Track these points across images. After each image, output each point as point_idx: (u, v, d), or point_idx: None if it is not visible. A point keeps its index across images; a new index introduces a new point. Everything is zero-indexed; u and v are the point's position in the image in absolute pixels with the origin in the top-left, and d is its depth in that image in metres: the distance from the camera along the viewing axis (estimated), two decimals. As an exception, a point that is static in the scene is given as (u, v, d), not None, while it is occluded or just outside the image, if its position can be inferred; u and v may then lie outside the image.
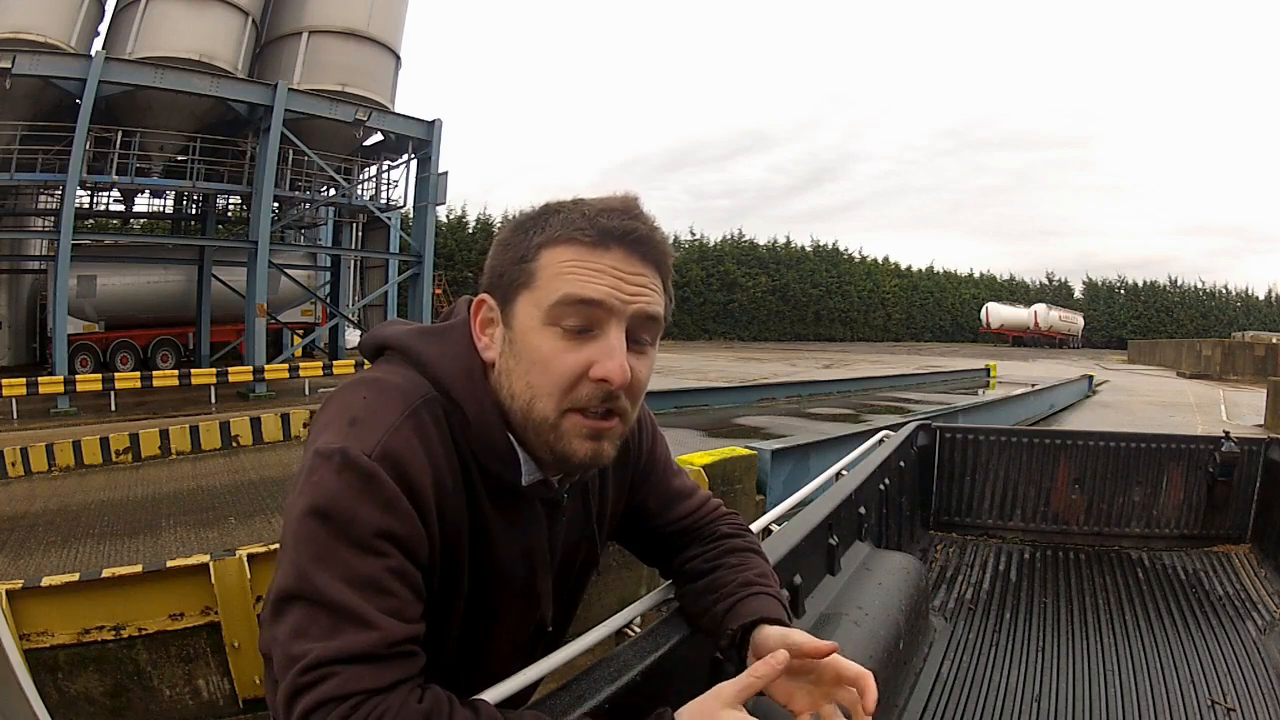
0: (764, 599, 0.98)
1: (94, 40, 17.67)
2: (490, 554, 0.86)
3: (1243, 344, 30.10)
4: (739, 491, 5.30)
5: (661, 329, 0.86)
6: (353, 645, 0.68)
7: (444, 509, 0.79)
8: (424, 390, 0.82)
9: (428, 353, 0.85)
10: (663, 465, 1.10)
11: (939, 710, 2.06)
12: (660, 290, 0.84)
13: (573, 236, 0.81)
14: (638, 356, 0.83)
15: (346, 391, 0.83)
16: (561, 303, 0.79)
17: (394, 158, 20.62)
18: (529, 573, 0.90)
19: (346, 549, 0.71)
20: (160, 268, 19.98)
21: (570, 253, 0.81)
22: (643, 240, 0.82)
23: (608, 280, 0.80)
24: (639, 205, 0.85)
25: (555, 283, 0.80)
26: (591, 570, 1.05)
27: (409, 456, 0.76)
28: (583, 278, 0.80)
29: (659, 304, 0.84)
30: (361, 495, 0.72)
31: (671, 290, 0.88)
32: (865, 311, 57.25)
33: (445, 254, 39.37)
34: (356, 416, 0.78)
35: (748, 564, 1.04)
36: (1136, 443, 3.63)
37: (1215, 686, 2.22)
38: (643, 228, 0.82)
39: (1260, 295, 62.49)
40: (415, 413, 0.79)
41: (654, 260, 0.83)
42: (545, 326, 0.80)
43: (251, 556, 3.95)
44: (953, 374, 23.63)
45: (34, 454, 10.27)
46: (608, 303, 0.79)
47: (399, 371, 0.84)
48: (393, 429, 0.76)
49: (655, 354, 0.87)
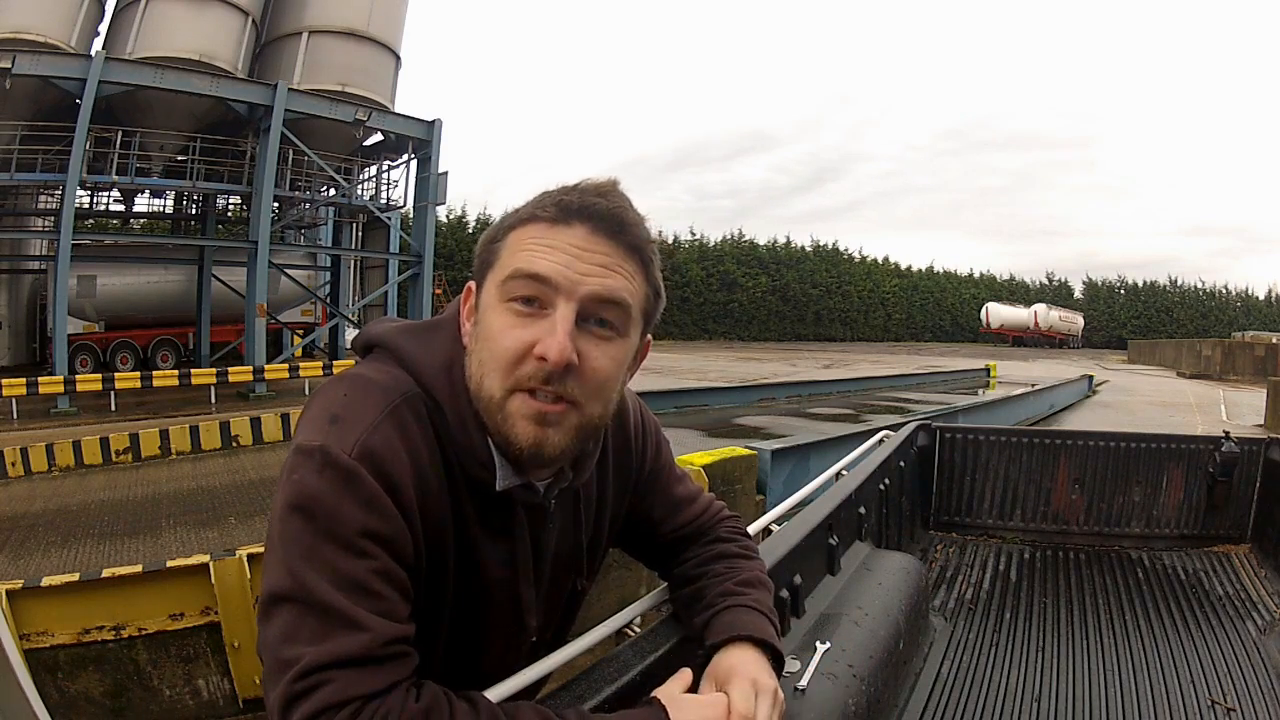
0: (737, 612, 0.96)
1: (94, 40, 17.66)
2: (474, 556, 0.84)
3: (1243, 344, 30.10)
4: (739, 491, 5.30)
5: (634, 317, 0.81)
6: (344, 649, 0.67)
7: (427, 507, 0.78)
8: (405, 387, 0.80)
9: (411, 350, 0.83)
10: (667, 472, 1.07)
11: (939, 710, 2.06)
12: (630, 275, 0.80)
13: (534, 214, 0.80)
14: (597, 341, 0.78)
15: (329, 389, 0.81)
16: (512, 277, 0.78)
17: (394, 158, 20.61)
18: (512, 579, 0.88)
19: (332, 549, 0.70)
20: (160, 268, 19.97)
21: (532, 230, 0.79)
22: (604, 216, 0.78)
23: (560, 257, 0.77)
24: (613, 186, 0.82)
25: (511, 259, 0.79)
26: (593, 571, 1.03)
27: (389, 455, 0.75)
28: (535, 253, 0.77)
29: (622, 288, 0.79)
30: (343, 494, 0.72)
31: (656, 279, 0.84)
32: (865, 312, 57.26)
33: (445, 254, 39.35)
34: (337, 414, 0.76)
35: (734, 571, 1.02)
36: (1136, 443, 3.63)
37: (1215, 686, 2.22)
38: (605, 204, 0.79)
39: (1260, 295, 62.63)
40: (396, 410, 0.78)
41: (623, 242, 0.79)
42: (500, 303, 0.79)
43: (251, 556, 3.94)
44: (953, 374, 23.63)
45: (34, 454, 10.27)
46: (555, 279, 0.76)
47: (382, 369, 0.83)
48: (373, 427, 0.75)
49: (628, 344, 0.82)
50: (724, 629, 0.94)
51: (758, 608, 0.98)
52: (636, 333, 0.83)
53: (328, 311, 21.66)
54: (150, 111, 16.72)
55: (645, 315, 0.84)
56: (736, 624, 0.94)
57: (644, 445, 1.03)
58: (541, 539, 0.90)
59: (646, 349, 0.89)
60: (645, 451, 1.03)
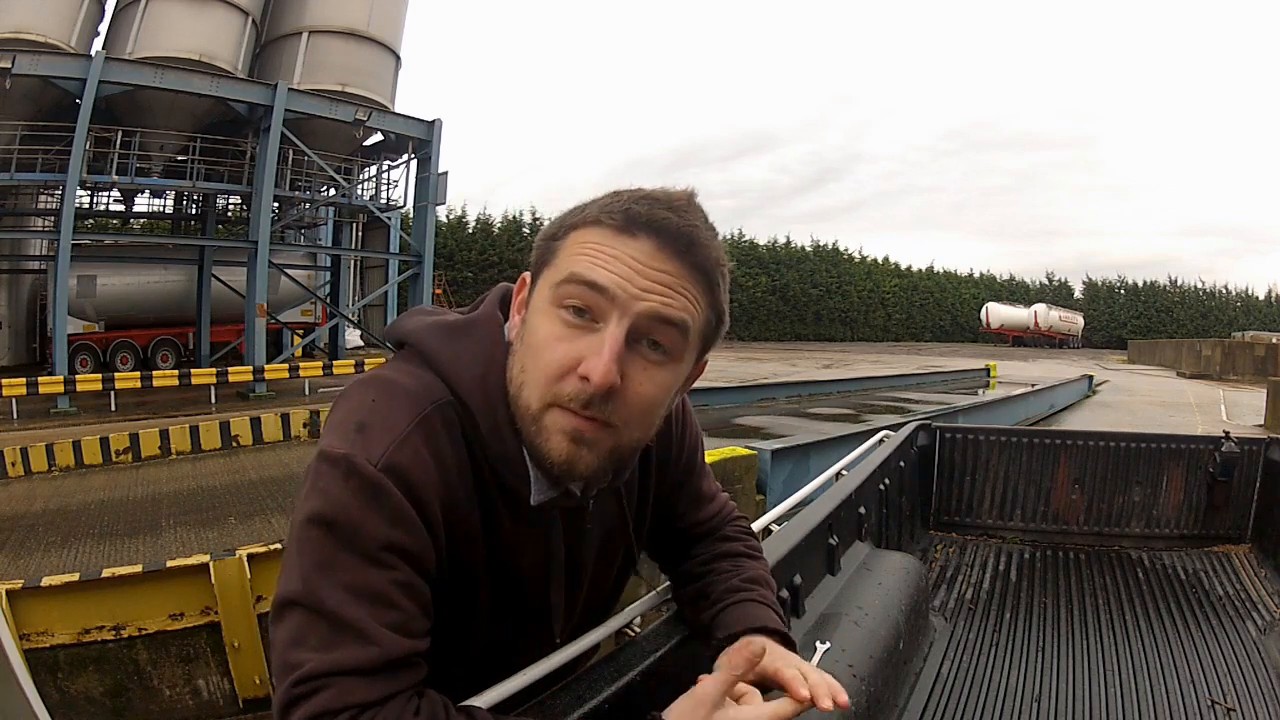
0: (747, 606, 0.96)
1: (94, 40, 17.65)
2: (506, 563, 0.83)
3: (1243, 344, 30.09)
4: (739, 491, 5.30)
5: (691, 341, 0.77)
6: (348, 660, 0.67)
7: (454, 522, 0.76)
8: (436, 394, 0.78)
9: (443, 353, 0.80)
10: (700, 467, 1.07)
11: (939, 710, 2.06)
12: (693, 297, 0.75)
13: (599, 219, 0.75)
14: (645, 365, 0.74)
15: (356, 392, 0.79)
16: (567, 281, 0.74)
17: (394, 158, 20.60)
18: (543, 585, 0.87)
19: (351, 559, 0.69)
20: (160, 268, 19.96)
21: (594, 235, 0.75)
22: (673, 233, 0.74)
23: (621, 268, 0.73)
24: (688, 199, 0.78)
25: (569, 262, 0.75)
26: (627, 575, 1.02)
27: (416, 470, 0.73)
28: (596, 260, 0.73)
29: (682, 309, 0.74)
30: (367, 506, 0.70)
31: (720, 304, 0.79)
32: (865, 311, 57.24)
33: (445, 254, 39.34)
34: (364, 422, 0.74)
35: (739, 569, 1.02)
36: (1136, 443, 3.63)
37: (1215, 686, 2.22)
38: (676, 220, 0.74)
39: (1260, 295, 62.53)
40: (425, 420, 0.75)
41: (690, 262, 0.75)
42: (551, 307, 0.75)
43: (251, 556, 3.95)
44: (953, 374, 23.61)
45: (34, 454, 10.27)
46: (612, 290, 0.72)
47: (412, 372, 0.80)
48: (400, 439, 0.73)
49: (679, 369, 0.78)
50: (734, 622, 0.93)
51: (765, 602, 0.98)
52: (692, 357, 0.80)
53: (328, 311, 21.66)
54: (150, 111, 16.71)
55: (704, 340, 0.80)
56: (747, 617, 0.94)
57: (684, 437, 1.01)
58: (579, 541, 0.89)
59: (700, 371, 0.85)
60: (684, 443, 1.02)
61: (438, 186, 18.90)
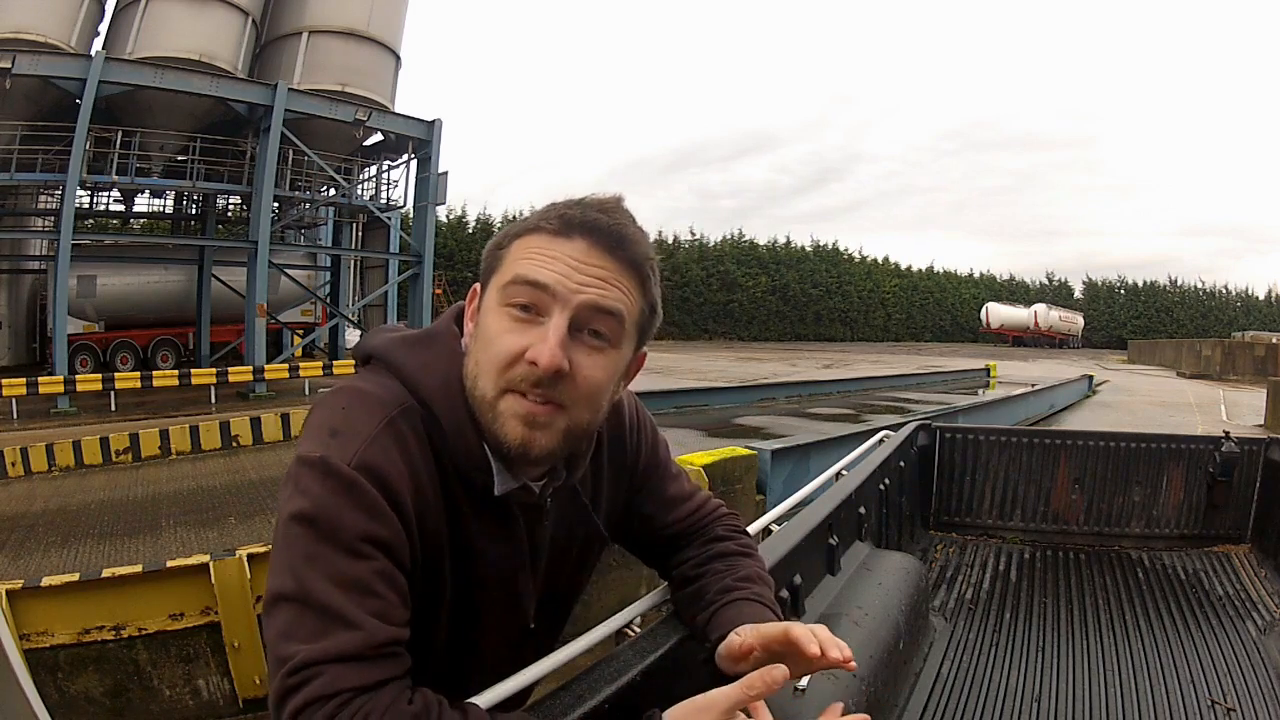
0: (741, 605, 0.97)
1: (94, 40, 17.67)
2: (471, 559, 0.87)
3: (1243, 344, 30.11)
4: (739, 491, 5.31)
5: (627, 330, 0.84)
6: (338, 646, 0.70)
7: (424, 517, 0.81)
8: (402, 400, 0.83)
9: (408, 363, 0.87)
10: (662, 469, 1.09)
11: (939, 710, 2.06)
12: (626, 289, 0.83)
13: (539, 225, 0.84)
14: (589, 351, 0.82)
15: (328, 401, 0.84)
16: (512, 282, 0.82)
17: (394, 158, 20.61)
18: (510, 575, 0.91)
19: (333, 552, 0.73)
20: (160, 268, 19.97)
21: (535, 240, 0.83)
22: (604, 232, 0.82)
23: (560, 267, 0.81)
24: (617, 203, 0.86)
25: (513, 266, 0.83)
26: (594, 560, 1.05)
27: (388, 467, 0.78)
28: (537, 262, 0.81)
29: (617, 300, 0.82)
30: (345, 502, 0.74)
31: (653, 296, 0.87)
32: (865, 312, 57.28)
33: (445, 254, 39.38)
34: (336, 427, 0.80)
35: (734, 568, 1.03)
36: (1136, 443, 3.63)
37: (1215, 686, 2.22)
38: (607, 220, 0.82)
39: (1260, 295, 62.59)
40: (392, 423, 0.81)
41: (621, 257, 0.83)
42: (500, 307, 0.82)
43: (251, 556, 3.95)
44: (953, 374, 23.63)
45: (34, 454, 10.28)
46: (553, 286, 0.80)
47: (379, 381, 0.86)
48: (370, 440, 0.78)
49: (620, 356, 0.85)
50: (727, 623, 0.95)
51: (759, 600, 0.99)
52: (630, 346, 0.87)
53: (328, 311, 21.67)
54: (150, 111, 16.72)
55: (639, 329, 0.87)
56: (739, 617, 0.95)
57: (639, 440, 1.06)
58: (538, 535, 0.93)
59: (641, 362, 0.92)
60: (640, 446, 1.06)
61: (438, 186, 18.91)
